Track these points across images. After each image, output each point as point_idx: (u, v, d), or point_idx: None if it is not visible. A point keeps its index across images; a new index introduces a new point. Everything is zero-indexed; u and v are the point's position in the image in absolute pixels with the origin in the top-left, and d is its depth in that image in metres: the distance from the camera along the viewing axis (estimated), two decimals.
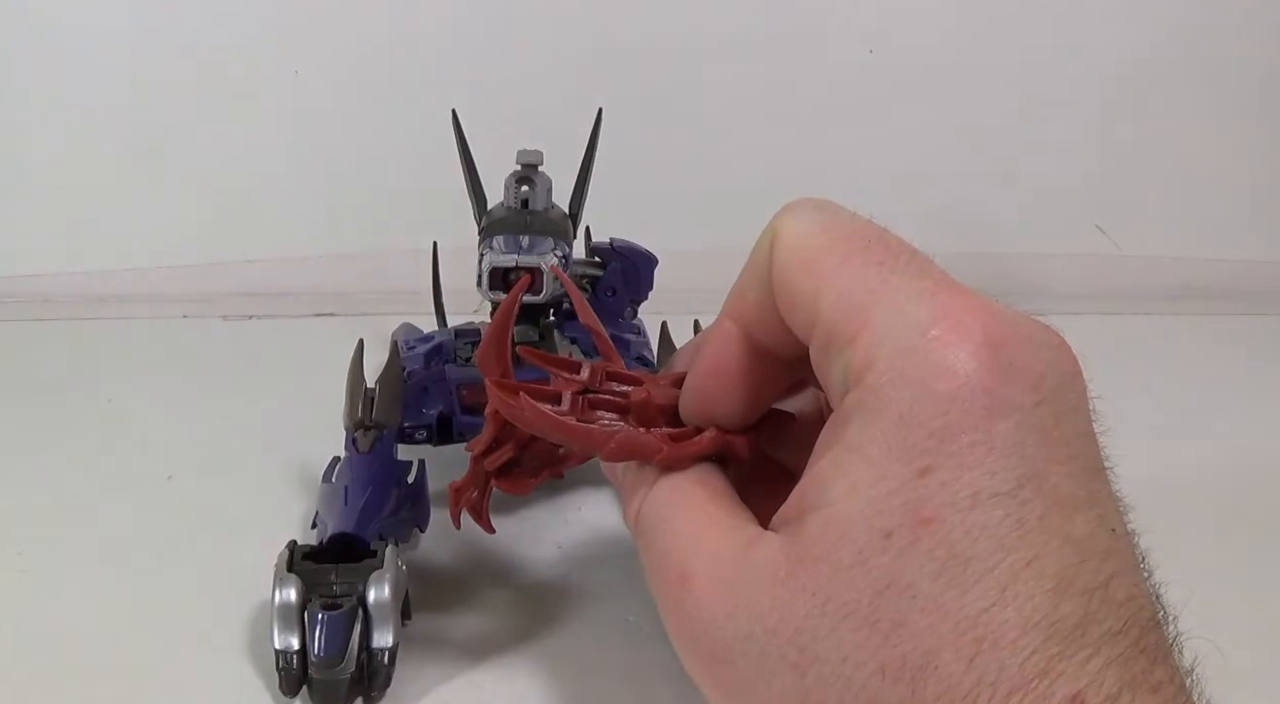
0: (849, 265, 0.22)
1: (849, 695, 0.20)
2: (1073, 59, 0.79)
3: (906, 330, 0.21)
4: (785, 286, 0.23)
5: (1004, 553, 0.19)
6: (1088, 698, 0.18)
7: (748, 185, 0.70)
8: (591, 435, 0.26)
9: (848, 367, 0.22)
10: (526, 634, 0.40)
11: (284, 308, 0.72)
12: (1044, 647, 0.19)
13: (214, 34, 0.73)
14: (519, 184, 0.42)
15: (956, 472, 0.20)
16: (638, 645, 0.40)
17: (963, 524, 0.19)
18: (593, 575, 0.44)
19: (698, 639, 0.22)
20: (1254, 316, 0.77)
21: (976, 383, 0.20)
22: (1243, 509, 0.48)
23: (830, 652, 0.20)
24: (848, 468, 0.21)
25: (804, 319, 0.23)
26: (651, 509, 0.25)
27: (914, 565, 0.19)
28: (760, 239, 0.24)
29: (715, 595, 0.22)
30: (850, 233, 0.23)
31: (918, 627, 0.19)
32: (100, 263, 0.73)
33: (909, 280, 0.22)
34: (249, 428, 0.54)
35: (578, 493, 0.49)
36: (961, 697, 0.19)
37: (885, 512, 0.20)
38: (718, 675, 0.22)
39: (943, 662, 0.19)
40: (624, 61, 0.75)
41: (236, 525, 0.45)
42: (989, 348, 0.20)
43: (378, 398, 0.43)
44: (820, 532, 0.21)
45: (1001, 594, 0.19)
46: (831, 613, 0.20)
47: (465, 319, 0.53)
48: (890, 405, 0.20)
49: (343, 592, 0.36)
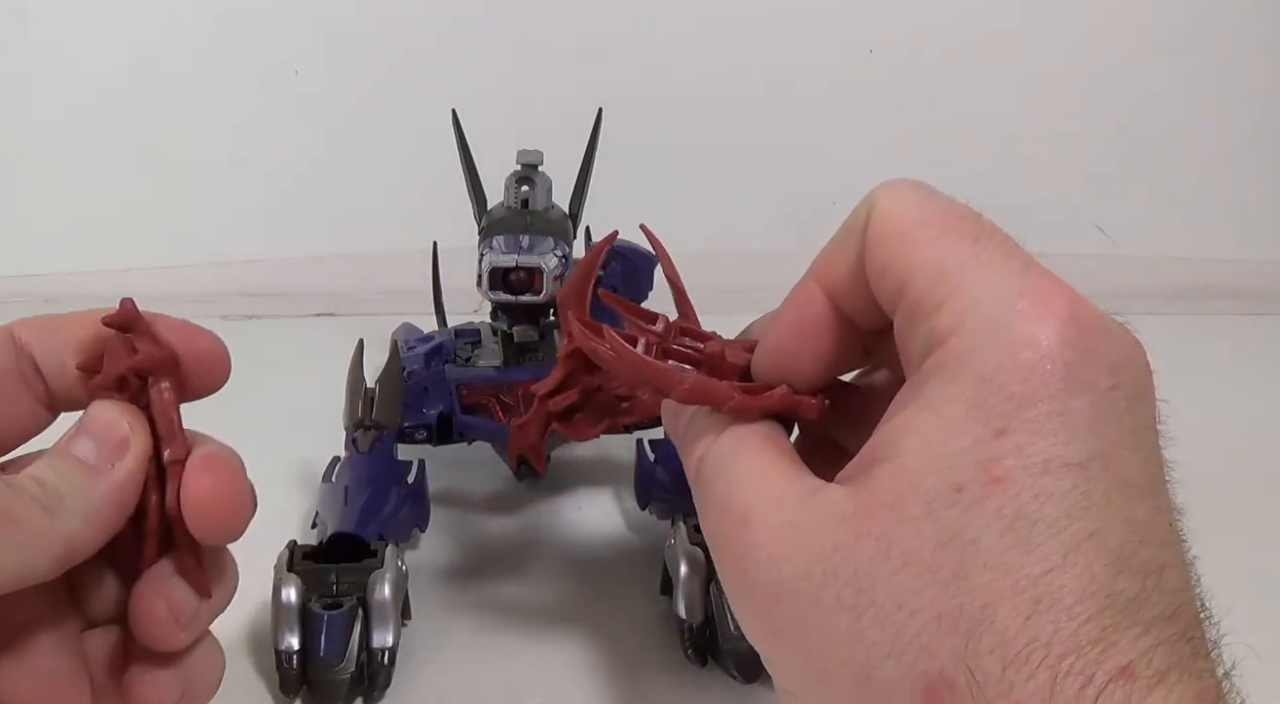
0: (943, 239, 0.23)
1: (902, 641, 0.20)
2: (1073, 59, 0.79)
3: (994, 301, 0.21)
4: (878, 254, 0.24)
5: (1069, 521, 0.20)
6: (1138, 670, 0.19)
7: (748, 185, 0.70)
8: (668, 374, 0.26)
9: (931, 332, 0.22)
10: (526, 634, 0.40)
11: (284, 308, 0.72)
12: (1099, 616, 0.19)
13: (214, 34, 0.73)
14: (519, 184, 0.42)
15: (1031, 437, 0.20)
16: (637, 645, 0.40)
17: (1032, 487, 0.20)
18: (592, 575, 0.44)
19: (753, 580, 0.23)
20: (1254, 317, 0.77)
21: (1058, 356, 0.21)
22: (1243, 509, 0.48)
23: (888, 597, 0.20)
24: (923, 425, 0.21)
25: (892, 287, 0.23)
26: (715, 457, 0.25)
27: (980, 521, 0.20)
28: (856, 209, 0.25)
29: (775, 536, 0.23)
30: (946, 210, 0.23)
31: (978, 580, 0.20)
32: (100, 263, 0.73)
33: (1000, 258, 0.22)
34: (249, 428, 0.54)
35: (578, 493, 0.49)
36: (1015, 653, 0.19)
37: (958, 467, 0.20)
38: (769, 617, 0.22)
39: (999, 616, 0.19)
40: (624, 61, 0.75)
41: None
42: (1073, 327, 0.21)
43: (378, 398, 0.43)
44: (889, 482, 0.21)
45: (1063, 560, 0.19)
46: (894, 559, 0.20)
47: (465, 319, 0.53)
48: (972, 368, 0.21)
49: (343, 591, 0.36)
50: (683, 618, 0.37)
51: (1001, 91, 0.79)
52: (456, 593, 0.42)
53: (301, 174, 0.75)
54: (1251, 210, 0.84)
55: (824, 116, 0.78)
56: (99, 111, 0.73)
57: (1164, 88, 0.81)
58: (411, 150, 0.69)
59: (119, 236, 0.74)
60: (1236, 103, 0.82)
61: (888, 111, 0.78)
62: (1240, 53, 0.81)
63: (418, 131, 0.59)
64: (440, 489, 0.47)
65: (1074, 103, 0.80)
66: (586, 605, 0.42)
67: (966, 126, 0.79)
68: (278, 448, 0.50)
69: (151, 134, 0.74)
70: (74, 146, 0.73)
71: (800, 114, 0.78)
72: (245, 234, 0.75)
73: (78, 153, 0.73)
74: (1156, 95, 0.81)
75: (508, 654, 0.39)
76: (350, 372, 0.45)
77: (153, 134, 0.74)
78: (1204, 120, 0.82)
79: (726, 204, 0.78)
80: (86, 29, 0.72)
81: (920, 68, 0.78)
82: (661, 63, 0.76)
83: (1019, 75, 0.79)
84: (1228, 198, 0.83)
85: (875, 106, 0.78)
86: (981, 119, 0.80)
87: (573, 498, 0.49)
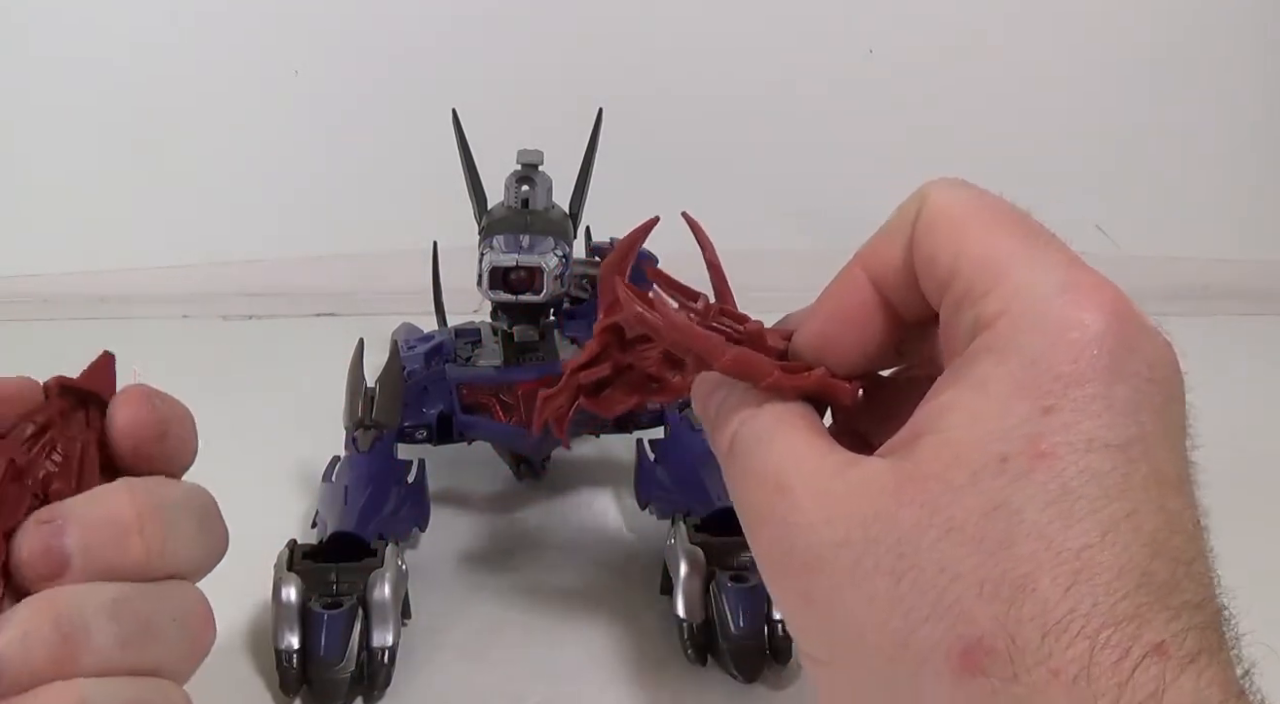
0: (993, 231, 0.24)
1: (942, 605, 0.20)
2: (1073, 59, 0.79)
3: (1043, 288, 0.22)
4: (928, 243, 0.24)
5: (1108, 500, 0.20)
6: (1170, 650, 0.19)
7: (747, 185, 0.70)
8: (713, 343, 0.26)
9: (979, 315, 0.23)
10: (526, 634, 0.40)
11: (284, 308, 0.72)
12: (1135, 594, 0.20)
13: (214, 33, 0.73)
14: (519, 184, 0.42)
15: (1077, 416, 0.21)
16: (637, 644, 0.40)
17: (1076, 464, 0.20)
18: (592, 575, 0.44)
19: (790, 546, 0.23)
20: (1254, 317, 0.77)
21: (1104, 343, 0.21)
22: (1244, 510, 0.48)
23: (930, 562, 0.21)
24: (970, 400, 0.22)
25: (941, 275, 0.24)
26: (751, 431, 0.26)
27: (1025, 493, 0.20)
28: (906, 202, 0.25)
29: (814, 502, 0.23)
30: (996, 205, 0.24)
31: (1021, 550, 0.20)
32: (100, 263, 0.73)
33: (1048, 252, 0.23)
34: (249, 428, 0.54)
35: (578, 493, 0.49)
36: (1055, 621, 0.19)
37: (1005, 440, 0.21)
38: (805, 582, 0.23)
39: (1041, 586, 0.20)
40: (624, 61, 0.75)
41: (236, 525, 0.45)
42: (1117, 318, 0.22)
43: (378, 398, 0.43)
44: (934, 453, 0.22)
45: (1102, 537, 0.20)
46: (938, 526, 0.21)
47: (465, 319, 0.53)
48: (1020, 348, 0.22)
49: (343, 591, 0.36)
50: (683, 618, 0.37)
51: (1002, 92, 0.79)
52: (456, 593, 0.42)
53: (301, 174, 0.75)
54: (1251, 210, 0.84)
55: (824, 116, 0.78)
56: (99, 111, 0.73)
57: (1164, 88, 0.81)
58: (411, 150, 0.69)
59: (119, 236, 0.74)
60: (1236, 103, 0.82)
61: (888, 111, 0.78)
62: (1240, 53, 0.81)
63: (418, 132, 0.59)
64: (440, 489, 0.47)
65: (1074, 103, 0.80)
66: (586, 605, 0.42)
67: (966, 126, 0.79)
68: (278, 448, 0.51)
69: (151, 134, 0.74)
70: (74, 146, 0.73)
71: (800, 114, 0.78)
72: (245, 234, 0.75)
73: (78, 153, 0.73)
74: (1157, 95, 0.81)
75: (508, 654, 0.39)
76: (350, 372, 0.45)
77: (153, 134, 0.74)
78: (1204, 120, 0.82)
79: (726, 204, 0.78)
80: (86, 29, 0.72)
81: (920, 68, 0.78)
82: (662, 63, 0.76)
83: (1019, 76, 0.79)
84: (1228, 198, 0.83)
85: (875, 106, 0.78)
86: (981, 119, 0.80)
87: (573, 498, 0.49)
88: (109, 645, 0.23)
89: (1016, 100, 0.80)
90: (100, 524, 0.24)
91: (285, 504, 0.46)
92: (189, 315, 0.71)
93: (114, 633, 0.23)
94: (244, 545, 0.38)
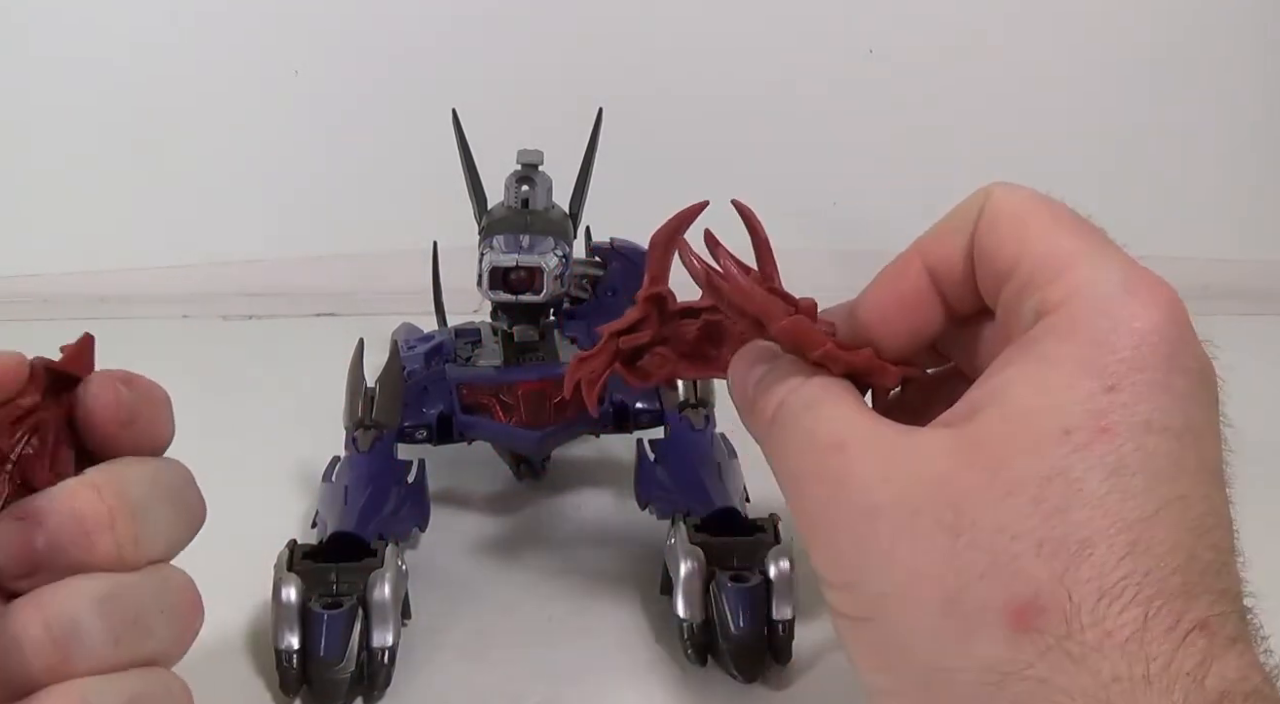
0: (1055, 229, 0.25)
1: (999, 564, 0.21)
2: (1073, 59, 0.79)
3: (1106, 282, 0.23)
4: (990, 237, 0.25)
5: (1160, 481, 0.21)
6: (1214, 628, 0.20)
7: (748, 185, 0.69)
8: (771, 305, 0.26)
9: (1043, 301, 0.24)
10: (526, 634, 0.40)
11: (284, 308, 0.72)
12: (1183, 571, 0.21)
13: (214, 33, 0.73)
14: (519, 183, 0.42)
15: (1137, 398, 0.22)
16: (637, 644, 0.40)
17: (1135, 442, 0.21)
18: (592, 575, 0.44)
19: (845, 502, 0.24)
20: (1254, 317, 0.77)
21: (1164, 333, 0.23)
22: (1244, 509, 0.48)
23: (989, 521, 0.21)
24: (1035, 376, 0.23)
25: (1001, 268, 0.25)
26: (799, 398, 0.26)
27: (1085, 464, 0.21)
28: (970, 198, 0.26)
29: (872, 459, 0.24)
30: (1058, 207, 0.26)
31: (1079, 516, 0.21)
32: (100, 263, 0.73)
33: (1109, 250, 0.25)
34: (249, 428, 0.54)
35: (578, 493, 0.49)
36: (1111, 584, 0.20)
37: (1069, 413, 0.22)
38: (857, 537, 0.23)
39: (1098, 551, 0.21)
40: (624, 61, 0.75)
41: (236, 525, 0.45)
42: (1175, 314, 0.23)
43: (378, 398, 0.43)
44: (997, 422, 0.23)
45: (1155, 513, 0.21)
46: (998, 487, 0.22)
47: (465, 319, 0.53)
48: (1086, 330, 0.23)
49: (343, 591, 0.36)
50: (683, 618, 0.37)
51: (1002, 92, 0.79)
52: (456, 593, 0.42)
53: (301, 174, 0.75)
54: (1251, 210, 0.84)
55: (824, 116, 0.78)
56: (99, 111, 0.73)
57: (1164, 88, 0.81)
58: (411, 150, 0.69)
59: (119, 236, 0.74)
60: (1236, 103, 0.82)
61: (888, 111, 0.78)
62: (1240, 53, 0.81)
63: (418, 132, 0.59)
64: (440, 489, 0.47)
65: (1074, 103, 0.80)
66: (586, 605, 0.42)
67: (966, 127, 0.79)
68: (278, 448, 0.50)
69: (151, 134, 0.74)
70: (74, 146, 0.73)
71: (800, 114, 0.78)
72: (245, 234, 0.75)
73: (78, 153, 0.73)
74: (1157, 95, 0.81)
75: (507, 654, 0.39)
76: (350, 372, 0.45)
77: (153, 134, 0.74)
78: (1204, 120, 0.82)
79: (726, 204, 0.78)
80: (86, 29, 0.72)
81: (920, 68, 0.78)
82: (662, 63, 0.75)
83: (1019, 76, 0.79)
84: (1228, 198, 0.83)
85: (875, 106, 0.78)
86: (981, 119, 0.79)
87: (573, 498, 0.49)
88: (102, 644, 0.23)
89: (1016, 100, 0.80)
90: (69, 521, 0.24)
91: (285, 504, 0.46)
92: (189, 315, 0.71)
93: (105, 631, 0.23)
94: (244, 545, 0.38)
